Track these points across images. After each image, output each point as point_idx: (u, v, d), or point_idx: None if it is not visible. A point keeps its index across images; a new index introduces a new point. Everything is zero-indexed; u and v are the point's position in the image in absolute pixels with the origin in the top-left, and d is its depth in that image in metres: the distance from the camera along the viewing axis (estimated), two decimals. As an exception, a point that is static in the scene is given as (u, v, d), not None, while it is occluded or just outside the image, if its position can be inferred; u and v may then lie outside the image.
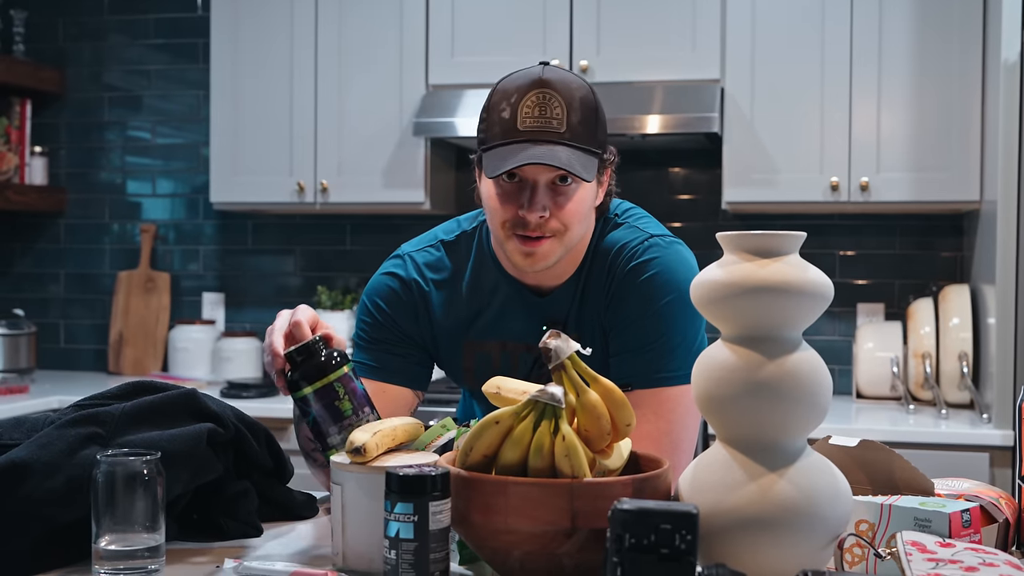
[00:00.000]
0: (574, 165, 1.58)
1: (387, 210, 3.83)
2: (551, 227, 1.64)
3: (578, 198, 1.65)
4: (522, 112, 1.60)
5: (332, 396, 1.39)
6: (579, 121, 1.60)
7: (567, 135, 1.60)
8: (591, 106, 1.63)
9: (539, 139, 1.59)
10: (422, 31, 3.63)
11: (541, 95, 1.59)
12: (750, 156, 3.42)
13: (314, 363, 1.41)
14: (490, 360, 1.81)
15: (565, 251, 1.68)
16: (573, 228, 1.66)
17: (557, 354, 1.25)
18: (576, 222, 1.66)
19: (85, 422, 1.37)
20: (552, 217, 1.64)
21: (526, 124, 1.59)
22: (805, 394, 1.20)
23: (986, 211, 3.24)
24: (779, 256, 1.22)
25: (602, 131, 1.66)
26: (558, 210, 1.64)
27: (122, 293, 4.22)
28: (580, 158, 1.60)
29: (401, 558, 1.16)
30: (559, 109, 1.59)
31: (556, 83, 1.60)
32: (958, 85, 3.29)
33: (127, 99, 4.29)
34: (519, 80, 1.62)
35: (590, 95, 1.63)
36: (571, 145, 1.60)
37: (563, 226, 1.65)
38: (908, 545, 1.24)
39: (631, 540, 1.03)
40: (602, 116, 1.66)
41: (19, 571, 1.29)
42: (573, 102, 1.60)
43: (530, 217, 1.63)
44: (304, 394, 1.40)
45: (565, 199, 1.64)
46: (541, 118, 1.59)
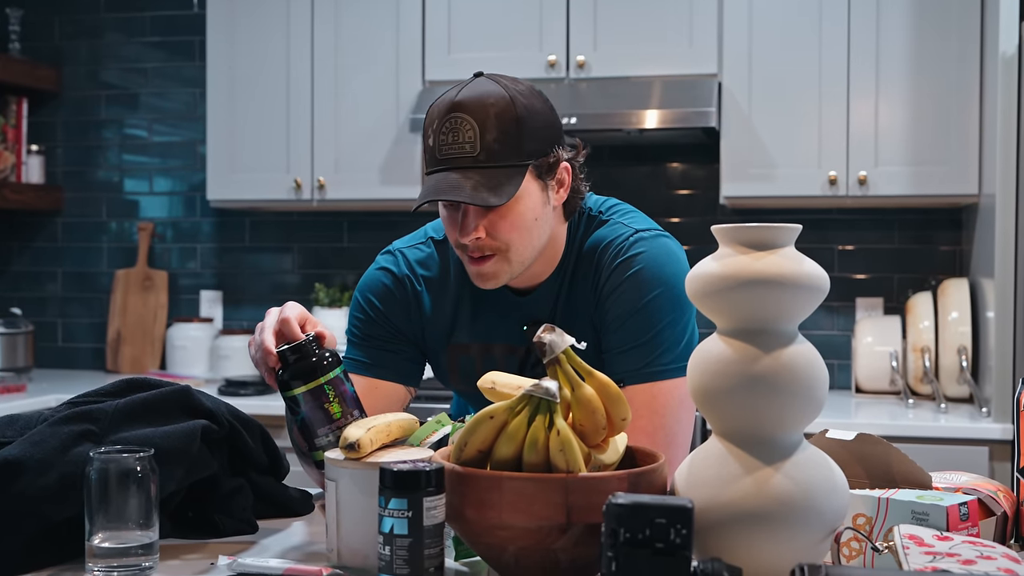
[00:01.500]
0: (480, 192, 1.56)
1: (384, 207, 3.83)
2: (490, 246, 1.65)
3: (515, 213, 1.63)
4: (438, 140, 1.60)
5: (322, 398, 1.38)
6: (495, 139, 1.57)
7: (482, 157, 1.58)
8: (510, 119, 1.59)
9: (454, 166, 1.59)
10: (418, 27, 3.62)
11: (452, 120, 1.59)
12: (748, 151, 3.41)
13: (306, 363, 1.40)
14: (473, 363, 1.81)
15: (519, 264, 1.68)
16: (515, 243, 1.65)
17: (552, 348, 1.25)
18: (516, 237, 1.65)
19: (78, 419, 1.36)
20: (488, 237, 1.64)
21: (442, 152, 1.60)
22: (801, 387, 1.19)
23: (985, 204, 3.23)
24: (775, 249, 1.21)
25: (531, 139, 1.61)
26: (493, 229, 1.63)
27: (120, 291, 4.21)
28: (493, 179, 1.58)
29: (395, 554, 1.16)
30: (471, 132, 1.58)
31: (469, 104, 1.58)
32: (956, 78, 3.28)
33: (123, 97, 4.28)
34: (439, 105, 1.62)
35: (510, 107, 1.59)
36: (484, 166, 1.58)
37: (503, 243, 1.64)
38: (905, 539, 1.23)
39: (626, 534, 1.03)
40: (531, 124, 1.61)
41: (12, 569, 1.29)
42: (487, 121, 1.57)
43: (464, 240, 1.64)
44: (294, 394, 1.39)
45: (497, 217, 1.63)
46: (454, 144, 1.59)
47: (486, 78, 1.64)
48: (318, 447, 1.39)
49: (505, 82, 1.63)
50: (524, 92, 1.63)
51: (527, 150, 1.61)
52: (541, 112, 1.64)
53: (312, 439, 1.39)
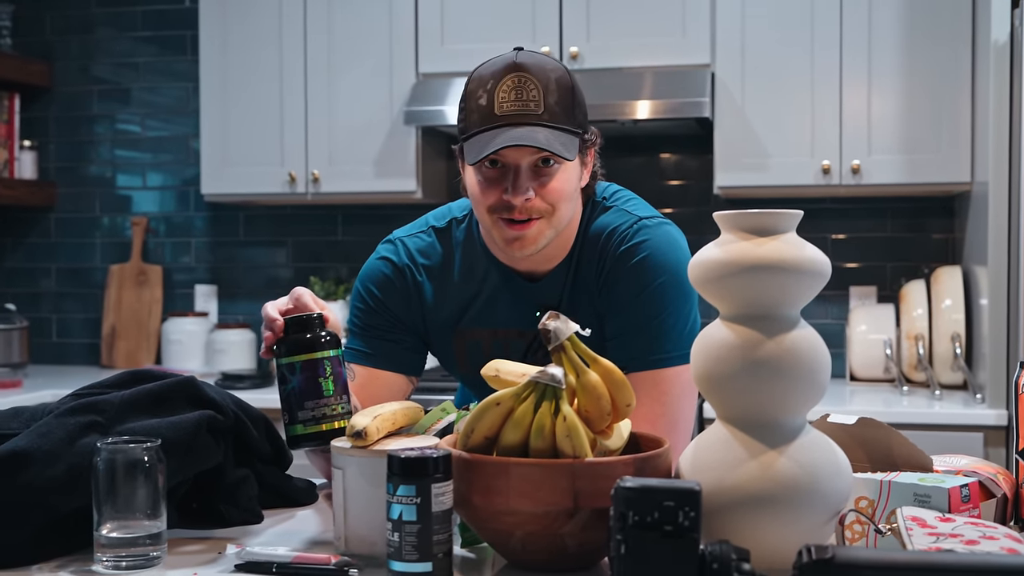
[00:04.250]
0: (554, 144, 1.59)
1: (379, 200, 3.83)
2: (538, 208, 1.64)
3: (562, 178, 1.65)
4: (499, 97, 1.61)
5: (318, 372, 1.39)
6: (556, 102, 1.61)
7: (545, 116, 1.60)
8: (567, 87, 1.64)
9: (517, 122, 1.60)
10: (411, 19, 3.62)
11: (517, 78, 1.60)
12: (741, 141, 3.42)
13: (308, 335, 1.41)
14: (481, 348, 1.81)
15: (555, 232, 1.68)
16: (560, 208, 1.66)
17: (556, 335, 1.26)
18: (562, 202, 1.66)
19: (84, 411, 1.36)
20: (537, 198, 1.64)
21: (503, 109, 1.60)
22: (804, 371, 1.20)
23: (977, 192, 3.24)
24: (776, 235, 1.22)
25: (580, 112, 1.66)
26: (543, 190, 1.64)
27: (114, 286, 4.21)
28: (560, 138, 1.61)
29: (404, 540, 1.16)
30: (535, 91, 1.60)
31: (531, 66, 1.61)
32: (948, 67, 3.29)
33: (116, 92, 4.27)
34: (494, 66, 1.63)
35: (565, 76, 1.64)
36: (550, 126, 1.61)
37: (550, 206, 1.65)
38: (908, 520, 1.25)
39: (635, 517, 1.03)
40: (580, 97, 1.67)
41: (20, 560, 1.29)
42: (549, 84, 1.61)
43: (515, 200, 1.63)
44: (291, 361, 1.39)
45: (549, 179, 1.64)
46: (518, 101, 1.60)
47: (530, 51, 1.66)
48: (299, 420, 1.39)
49: (554, 58, 1.70)
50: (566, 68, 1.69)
51: (578, 120, 1.66)
52: (583, 92, 1.70)
53: (296, 411, 1.39)
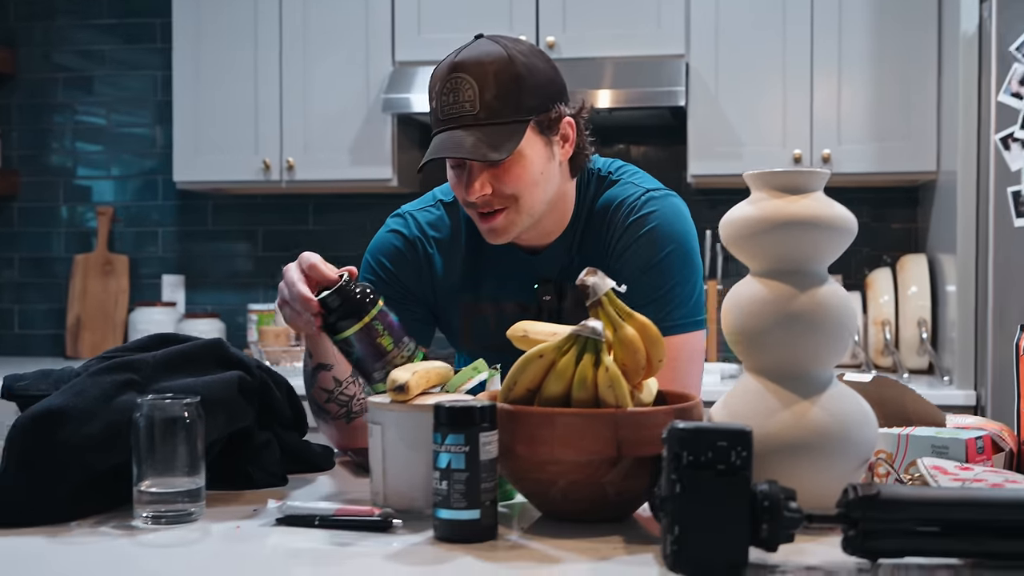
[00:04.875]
0: (480, 148, 1.61)
1: (354, 188, 3.84)
2: (499, 201, 1.69)
3: (519, 166, 1.67)
4: (440, 101, 1.65)
5: (374, 334, 1.42)
6: (494, 96, 1.62)
7: (482, 115, 1.62)
8: (510, 76, 1.63)
9: (455, 125, 1.63)
10: (388, 7, 3.63)
11: (452, 81, 1.63)
12: (715, 130, 3.48)
13: (351, 304, 1.43)
14: (487, 321, 1.84)
15: (529, 218, 1.72)
16: (524, 195, 1.69)
17: (595, 291, 1.29)
18: (525, 188, 1.68)
19: (120, 369, 1.37)
20: (495, 193, 1.67)
21: (444, 112, 1.64)
22: (835, 324, 1.25)
23: (943, 181, 3.33)
24: (807, 193, 1.27)
25: (531, 95, 1.65)
26: (499, 183, 1.67)
27: (79, 276, 4.16)
28: (493, 136, 1.62)
29: (453, 488, 1.19)
30: (470, 91, 1.62)
31: (468, 64, 1.62)
32: (915, 58, 3.39)
33: (81, 80, 4.23)
34: (440, 68, 1.66)
35: (508, 65, 1.63)
36: (485, 124, 1.62)
37: (512, 196, 1.68)
38: (931, 469, 1.30)
39: (689, 457, 1.07)
40: (531, 81, 1.65)
41: (58, 517, 1.29)
42: (485, 79, 1.62)
43: (470, 198, 1.68)
44: (347, 335, 1.42)
45: (502, 172, 1.66)
46: (455, 104, 1.63)
47: (486, 39, 1.68)
48: (376, 380, 1.42)
49: (505, 42, 1.67)
50: (524, 51, 1.67)
51: (527, 106, 1.65)
52: (542, 70, 1.68)
53: (370, 375, 1.43)
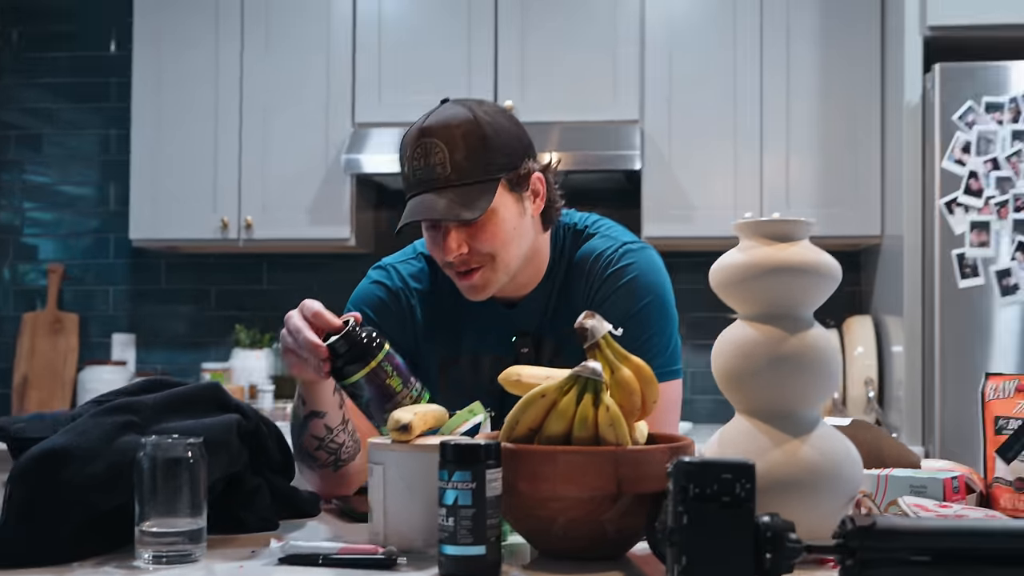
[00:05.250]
0: (453, 209, 1.66)
1: (309, 248, 3.86)
2: (475, 259, 1.74)
3: (493, 224, 1.72)
4: (412, 165, 1.70)
5: (383, 376, 1.45)
6: (464, 157, 1.67)
7: (453, 176, 1.67)
8: (477, 136, 1.68)
9: (427, 188, 1.68)
10: (349, 70, 3.70)
11: (422, 145, 1.68)
12: (668, 193, 3.58)
13: (359, 348, 1.46)
14: (462, 373, 1.88)
15: (506, 274, 1.77)
16: (500, 252, 1.74)
17: (593, 333, 1.33)
18: (500, 245, 1.73)
19: (120, 411, 1.38)
20: (471, 251, 1.72)
21: (415, 176, 1.70)
22: (823, 366, 1.30)
23: (888, 245, 3.46)
24: (794, 241, 1.33)
25: (499, 154, 1.70)
26: (475, 242, 1.72)
27: (27, 335, 4.12)
28: (466, 196, 1.67)
29: (460, 524, 1.21)
30: (440, 154, 1.67)
31: (436, 128, 1.68)
32: (860, 126, 3.54)
33: (31, 138, 4.22)
34: (410, 133, 1.72)
35: (475, 127, 1.68)
36: (457, 185, 1.67)
37: (488, 253, 1.73)
38: (912, 507, 1.35)
39: (695, 490, 1.11)
40: (497, 140, 1.70)
41: (60, 558, 1.29)
42: (454, 141, 1.67)
43: (448, 258, 1.73)
44: (356, 380, 1.44)
45: (478, 230, 1.72)
46: (426, 168, 1.68)
47: (452, 103, 1.74)
48: (387, 422, 1.44)
49: (470, 104, 1.73)
50: (489, 111, 1.73)
51: (496, 164, 1.70)
52: (508, 128, 1.74)
53: (381, 415, 1.45)
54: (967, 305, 3.09)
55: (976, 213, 3.11)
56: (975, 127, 3.12)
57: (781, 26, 3.59)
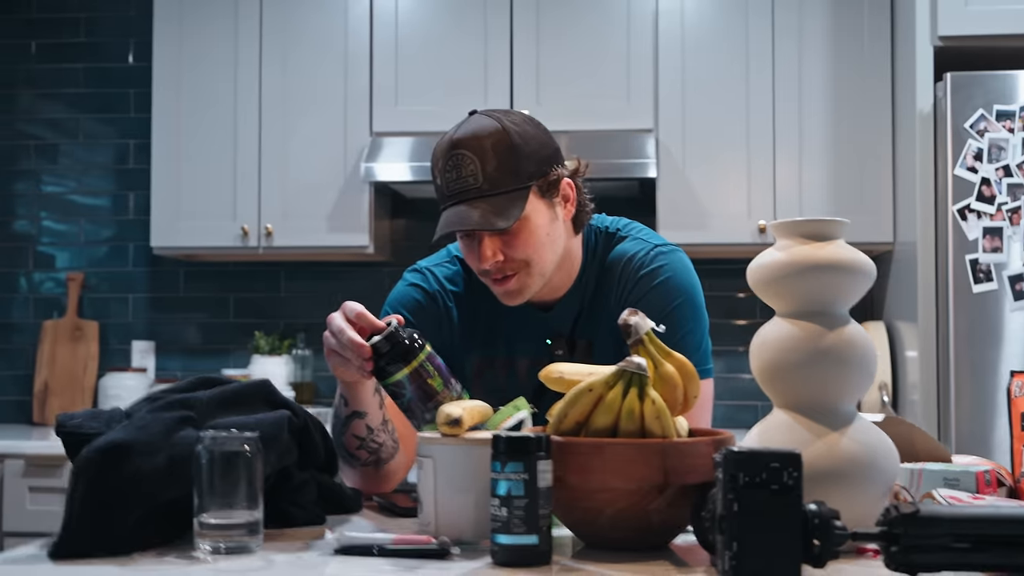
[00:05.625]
0: (488, 218, 1.71)
1: (328, 255, 3.90)
2: (511, 266, 1.78)
3: (527, 231, 1.77)
4: (444, 178, 1.75)
5: (424, 375, 1.49)
6: (495, 168, 1.71)
7: (486, 186, 1.72)
8: (506, 146, 1.72)
9: (461, 199, 1.73)
10: (366, 78, 3.75)
11: (454, 158, 1.73)
12: (682, 201, 3.63)
13: (401, 348, 1.50)
14: (497, 376, 1.92)
15: (541, 278, 1.81)
16: (534, 258, 1.78)
17: (636, 330, 1.38)
18: (534, 251, 1.78)
19: (177, 406, 1.42)
20: (506, 258, 1.77)
21: (449, 188, 1.74)
22: (861, 360, 1.35)
23: (900, 252, 3.50)
24: (830, 240, 1.38)
25: (529, 162, 1.75)
26: (509, 249, 1.77)
27: (48, 342, 4.15)
28: (498, 205, 1.72)
29: (513, 514, 1.25)
30: (472, 165, 1.72)
31: (466, 140, 1.72)
32: (872, 136, 3.58)
33: (53, 147, 4.27)
34: (440, 146, 1.76)
35: (504, 137, 1.73)
36: (489, 195, 1.72)
37: (522, 260, 1.78)
38: (947, 499, 1.39)
39: (745, 478, 1.15)
40: (526, 148, 1.75)
41: (122, 548, 1.33)
42: (484, 153, 1.71)
43: (483, 266, 1.78)
44: (398, 379, 1.49)
45: (512, 238, 1.76)
46: (459, 180, 1.73)
47: (480, 114, 1.78)
48: (428, 421, 1.48)
49: (497, 115, 1.77)
50: (516, 121, 1.77)
51: (527, 172, 1.75)
52: (535, 135, 1.78)
53: (421, 415, 1.49)
54: (981, 309, 3.13)
55: (988, 219, 3.15)
56: (986, 135, 3.17)
57: (793, 36, 3.64)
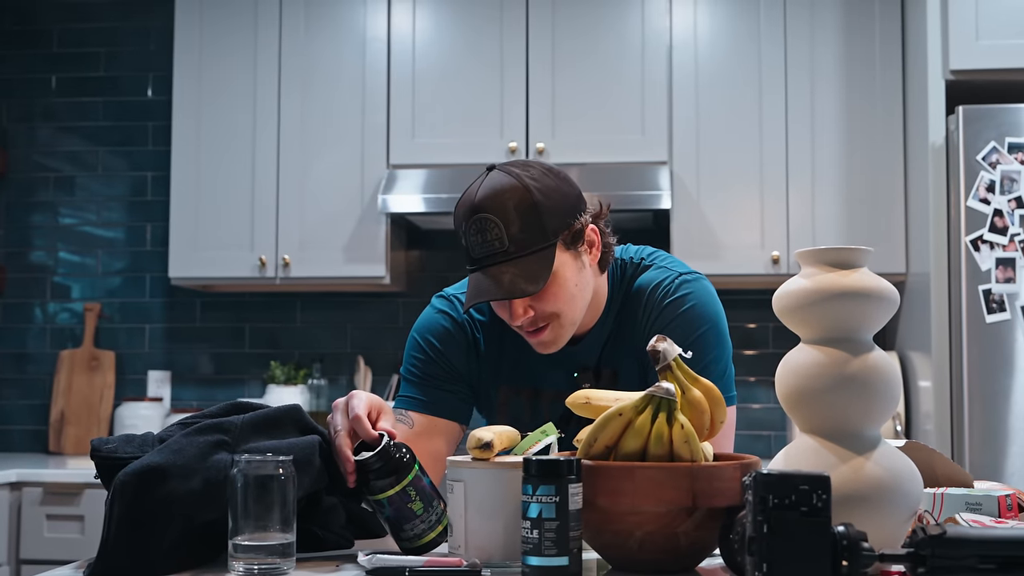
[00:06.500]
0: (516, 284, 1.71)
1: (344, 286, 3.94)
2: (542, 318, 1.79)
3: (556, 286, 1.77)
4: (469, 242, 1.76)
5: (406, 499, 1.48)
6: (519, 229, 1.72)
7: (512, 248, 1.72)
8: (528, 206, 1.72)
9: (488, 263, 1.73)
10: (383, 111, 3.79)
11: (477, 222, 1.73)
12: (696, 232, 3.66)
13: (386, 469, 1.48)
14: (522, 406, 1.94)
15: (573, 325, 1.83)
16: (564, 310, 1.79)
17: (665, 356, 1.40)
18: (564, 303, 1.79)
19: (211, 430, 1.44)
20: (537, 313, 1.78)
21: (476, 251, 1.75)
22: (885, 386, 1.37)
23: (913, 283, 3.52)
24: (854, 268, 1.40)
25: (552, 217, 1.74)
26: (540, 304, 1.78)
27: (64, 372, 4.18)
28: (527, 268, 1.72)
29: (544, 536, 1.27)
30: (496, 230, 1.72)
31: (488, 203, 1.72)
32: (884, 168, 3.62)
33: (70, 180, 4.32)
34: (462, 207, 1.76)
35: (526, 196, 1.72)
36: (516, 256, 1.73)
37: (553, 313, 1.79)
38: (970, 522, 1.41)
39: (775, 500, 1.17)
40: (548, 204, 1.74)
41: (158, 570, 1.35)
42: (508, 216, 1.71)
43: (515, 323, 1.79)
44: (380, 498, 1.49)
45: (541, 294, 1.77)
46: (484, 244, 1.73)
47: (498, 171, 1.77)
48: (402, 539, 1.50)
49: (516, 171, 1.76)
50: (535, 175, 1.77)
51: (551, 229, 1.75)
52: (555, 188, 1.78)
53: (399, 533, 1.50)
54: (994, 339, 3.15)
55: (1001, 250, 3.18)
56: (998, 167, 3.20)
57: (805, 69, 3.68)
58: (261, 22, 3.87)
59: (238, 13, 3.89)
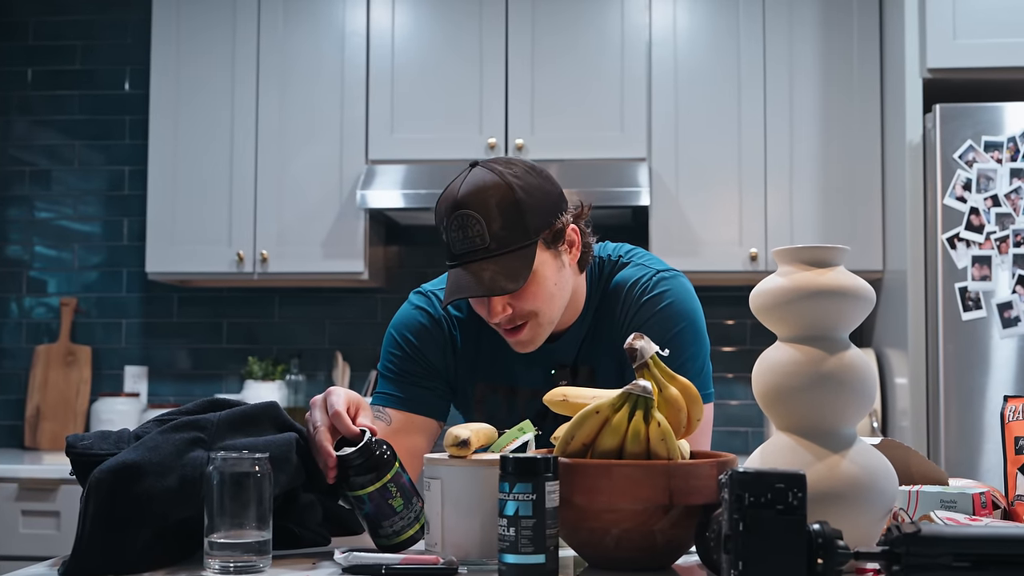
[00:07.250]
0: (497, 281, 1.71)
1: (322, 281, 3.92)
2: (520, 317, 1.79)
3: (535, 285, 1.77)
4: (450, 238, 1.75)
5: (386, 495, 1.48)
6: (501, 227, 1.72)
7: (493, 246, 1.72)
8: (511, 204, 1.72)
9: (469, 259, 1.73)
10: (362, 107, 3.78)
11: (459, 218, 1.72)
12: (675, 229, 3.67)
13: (368, 465, 1.48)
14: (499, 403, 1.94)
15: (551, 323, 1.83)
16: (542, 308, 1.80)
17: (642, 354, 1.40)
18: (543, 302, 1.79)
19: (187, 427, 1.44)
20: (515, 311, 1.78)
21: (456, 248, 1.75)
22: (861, 384, 1.38)
23: (890, 280, 3.54)
24: (831, 267, 1.41)
25: (534, 216, 1.74)
26: (518, 302, 1.78)
27: (40, 367, 4.15)
28: (507, 266, 1.72)
29: (520, 534, 1.27)
30: (478, 226, 1.72)
31: (470, 199, 1.71)
32: (860, 165, 3.63)
33: (47, 174, 4.29)
34: (444, 202, 1.76)
35: (508, 193, 1.72)
36: (497, 254, 1.72)
37: (531, 311, 1.79)
38: (944, 520, 1.42)
39: (750, 498, 1.17)
40: (530, 203, 1.74)
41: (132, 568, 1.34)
42: (490, 213, 1.71)
43: (492, 320, 1.79)
44: (360, 494, 1.48)
45: (520, 292, 1.77)
46: (465, 240, 1.73)
47: (481, 168, 1.77)
48: (381, 536, 1.49)
49: (499, 168, 1.76)
50: (518, 173, 1.76)
51: (532, 227, 1.75)
52: (537, 186, 1.77)
53: (376, 530, 1.50)
54: (970, 337, 3.17)
55: (977, 248, 3.20)
56: (975, 165, 3.22)
57: (783, 65, 3.69)
58: (239, 15, 3.85)
59: (216, 6, 3.87)
